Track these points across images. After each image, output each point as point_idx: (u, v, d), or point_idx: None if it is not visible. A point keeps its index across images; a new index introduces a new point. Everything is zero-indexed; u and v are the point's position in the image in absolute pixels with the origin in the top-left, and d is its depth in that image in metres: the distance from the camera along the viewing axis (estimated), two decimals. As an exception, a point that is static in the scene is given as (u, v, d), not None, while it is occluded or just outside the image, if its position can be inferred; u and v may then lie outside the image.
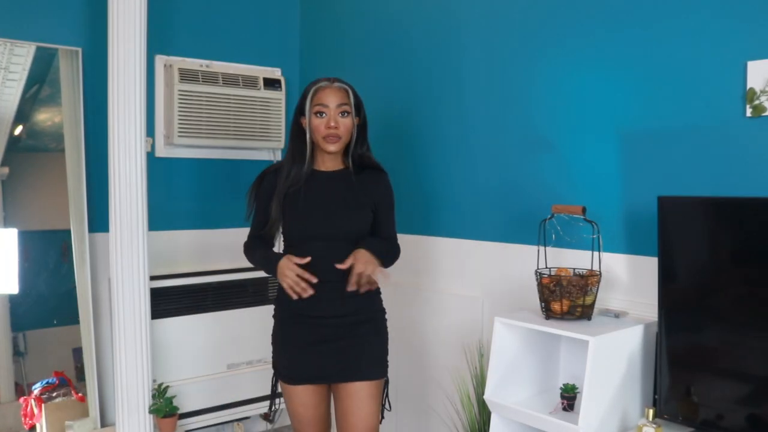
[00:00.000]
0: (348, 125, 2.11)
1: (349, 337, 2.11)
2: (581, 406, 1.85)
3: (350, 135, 2.13)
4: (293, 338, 2.14)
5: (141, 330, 2.70)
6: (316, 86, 2.10)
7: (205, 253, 3.33)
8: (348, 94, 2.11)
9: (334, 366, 2.11)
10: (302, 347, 2.12)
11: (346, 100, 2.09)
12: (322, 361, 2.11)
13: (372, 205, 2.17)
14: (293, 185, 2.12)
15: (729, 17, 1.95)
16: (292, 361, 2.15)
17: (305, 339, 2.12)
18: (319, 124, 2.08)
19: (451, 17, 2.79)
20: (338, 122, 2.08)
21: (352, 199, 2.14)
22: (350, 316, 2.11)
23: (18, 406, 2.93)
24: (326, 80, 2.12)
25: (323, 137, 2.08)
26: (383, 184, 2.21)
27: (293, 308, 2.12)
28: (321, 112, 2.08)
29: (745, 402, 1.79)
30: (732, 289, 1.83)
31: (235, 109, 3.23)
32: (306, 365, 2.12)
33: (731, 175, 1.95)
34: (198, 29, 3.27)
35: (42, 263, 3.02)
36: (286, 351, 2.17)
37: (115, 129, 2.64)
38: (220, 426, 3.30)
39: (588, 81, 2.32)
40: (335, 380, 2.14)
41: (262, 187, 2.19)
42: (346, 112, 2.09)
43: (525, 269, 2.38)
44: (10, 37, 2.79)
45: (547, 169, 2.44)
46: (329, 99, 2.08)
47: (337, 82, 2.12)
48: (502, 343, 2.10)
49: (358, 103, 2.14)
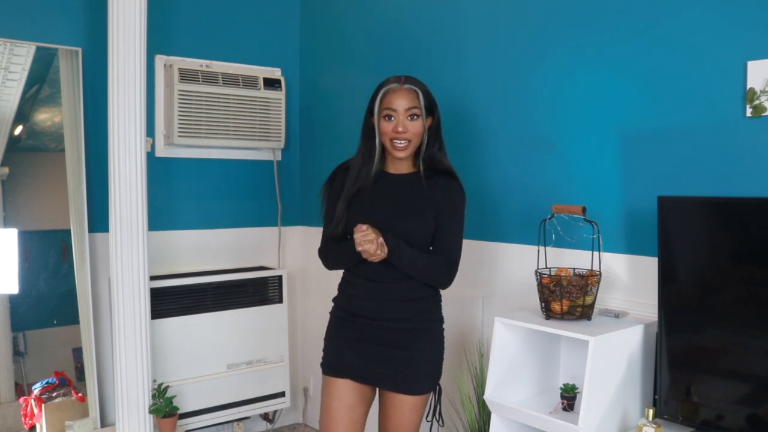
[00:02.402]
0: (417, 129, 2.02)
1: (397, 346, 2.04)
2: (581, 406, 1.85)
3: (420, 139, 2.04)
4: (341, 333, 2.11)
5: (141, 330, 2.70)
6: (385, 88, 2.03)
7: (205, 253, 3.33)
8: (418, 95, 2.01)
9: (383, 371, 2.04)
10: (348, 342, 2.08)
11: (415, 104, 2.00)
12: (367, 360, 2.05)
13: (434, 212, 2.05)
14: (361, 185, 2.07)
15: (729, 17, 1.95)
16: (336, 354, 2.10)
17: (352, 335, 2.08)
18: (387, 128, 2.01)
19: (452, 16, 2.79)
20: (406, 126, 2.00)
21: (415, 203, 2.05)
22: (404, 321, 2.04)
23: (18, 406, 2.93)
24: (396, 81, 2.03)
25: (391, 141, 2.02)
26: (451, 192, 2.08)
27: (344, 305, 2.11)
28: (389, 115, 2.00)
29: (745, 402, 1.79)
30: (732, 289, 1.83)
31: (235, 109, 3.23)
32: (349, 359, 2.07)
33: (731, 175, 1.95)
34: (198, 29, 3.27)
35: (42, 263, 3.02)
36: (333, 344, 2.13)
37: (115, 129, 2.64)
38: (220, 426, 3.31)
39: (588, 81, 2.32)
40: (383, 386, 2.08)
41: (333, 186, 2.14)
42: (416, 115, 2.01)
43: (525, 269, 2.38)
44: (10, 37, 2.79)
45: (548, 169, 2.44)
46: (398, 102, 2.00)
47: (408, 82, 2.02)
48: (502, 343, 2.10)
49: (430, 104, 2.05)
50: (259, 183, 3.50)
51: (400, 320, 2.04)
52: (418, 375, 2.06)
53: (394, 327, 2.04)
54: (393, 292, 2.03)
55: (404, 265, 1.99)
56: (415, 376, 2.05)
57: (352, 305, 2.09)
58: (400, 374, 2.04)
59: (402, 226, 2.01)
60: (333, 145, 3.37)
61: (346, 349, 2.08)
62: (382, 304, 2.04)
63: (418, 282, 2.04)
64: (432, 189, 2.07)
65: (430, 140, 2.07)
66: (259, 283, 3.30)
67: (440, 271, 2.04)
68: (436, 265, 2.04)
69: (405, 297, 2.04)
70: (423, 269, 2.02)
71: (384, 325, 2.04)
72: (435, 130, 2.08)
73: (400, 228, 2.01)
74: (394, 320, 2.04)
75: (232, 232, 3.42)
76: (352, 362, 2.07)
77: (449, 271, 2.06)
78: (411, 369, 2.04)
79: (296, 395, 3.64)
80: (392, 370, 2.04)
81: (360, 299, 2.07)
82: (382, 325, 2.04)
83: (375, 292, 2.04)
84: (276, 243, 3.56)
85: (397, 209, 2.05)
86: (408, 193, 2.07)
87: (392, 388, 2.06)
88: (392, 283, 2.02)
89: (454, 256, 2.07)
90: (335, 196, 2.11)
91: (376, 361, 2.05)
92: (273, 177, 3.52)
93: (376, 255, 1.94)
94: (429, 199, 2.05)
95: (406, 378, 2.04)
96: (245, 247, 3.47)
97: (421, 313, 2.07)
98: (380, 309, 2.04)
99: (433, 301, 2.11)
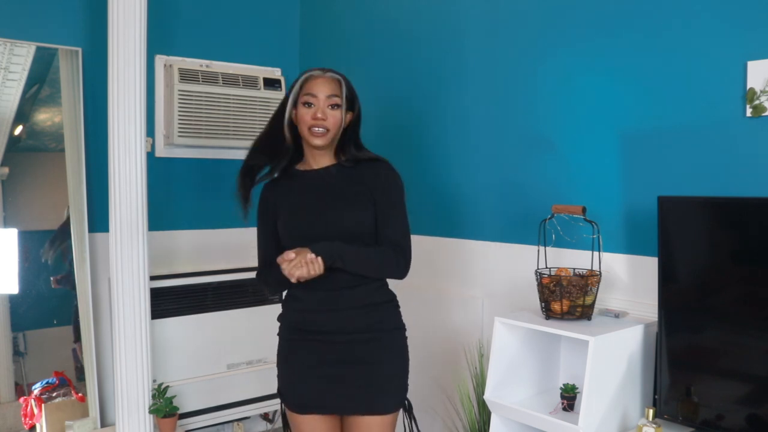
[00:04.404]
0: (337, 118, 1.88)
1: (361, 362, 1.87)
2: (581, 406, 1.85)
3: (338, 129, 1.90)
4: (297, 359, 1.92)
5: (141, 330, 2.70)
6: (307, 74, 1.91)
7: (205, 253, 3.33)
8: (341, 85, 1.90)
9: (344, 395, 1.87)
10: (305, 370, 1.90)
11: (337, 92, 1.88)
12: (329, 387, 1.87)
13: (369, 197, 1.90)
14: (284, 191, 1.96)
15: (729, 17, 1.95)
16: (297, 386, 1.92)
17: (310, 361, 1.89)
18: (305, 114, 1.88)
19: (452, 16, 2.79)
20: (326, 114, 1.87)
21: (347, 192, 1.91)
22: (360, 333, 1.87)
23: (18, 406, 2.93)
24: (319, 70, 1.92)
25: (309, 128, 1.87)
26: (381, 173, 1.93)
27: (295, 323, 1.94)
28: (309, 102, 1.88)
29: (745, 402, 1.79)
30: (732, 289, 1.83)
31: (235, 109, 3.23)
32: (312, 391, 1.89)
33: (731, 175, 1.95)
34: (198, 29, 3.27)
35: (42, 263, 3.02)
36: (289, 374, 1.95)
37: (115, 129, 2.64)
38: (220, 426, 3.30)
39: (588, 81, 2.32)
40: (345, 412, 1.90)
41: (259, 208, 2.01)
42: (337, 105, 1.88)
43: (525, 269, 2.38)
44: (10, 37, 2.79)
45: (548, 169, 2.44)
46: (319, 89, 1.87)
47: (330, 72, 1.92)
48: (502, 343, 2.10)
49: (351, 97, 1.93)
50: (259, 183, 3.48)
51: (359, 331, 1.87)
52: (383, 391, 1.89)
53: (353, 339, 1.87)
54: (347, 299, 1.87)
55: (352, 265, 1.83)
56: (380, 394, 1.88)
57: (303, 321, 1.91)
58: (364, 394, 1.87)
59: (340, 217, 1.88)
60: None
61: (305, 378, 1.90)
62: (336, 314, 1.87)
63: (372, 286, 1.90)
64: (361, 175, 1.93)
65: (348, 138, 1.95)
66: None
67: (390, 259, 1.87)
68: (384, 253, 1.87)
69: (360, 304, 1.88)
70: (372, 263, 1.86)
71: (341, 339, 1.87)
72: (354, 127, 1.96)
73: (338, 220, 1.87)
74: (351, 332, 1.87)
75: (232, 232, 3.42)
76: (315, 396, 1.89)
77: (401, 258, 1.89)
78: (375, 386, 1.88)
79: (296, 395, 3.63)
80: (355, 391, 1.87)
81: (312, 313, 1.89)
82: (339, 339, 1.87)
83: (327, 301, 1.87)
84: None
85: (330, 202, 1.90)
86: (337, 184, 1.92)
87: (358, 411, 1.88)
88: (344, 289, 1.86)
89: (402, 241, 1.89)
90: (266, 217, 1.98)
91: (337, 384, 1.87)
92: (273, 177, 3.52)
93: (311, 275, 1.77)
94: (360, 184, 1.91)
95: (370, 396, 1.87)
96: (245, 247, 3.46)
97: (380, 321, 1.91)
98: (335, 320, 1.87)
99: (392, 307, 1.96)
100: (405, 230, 1.92)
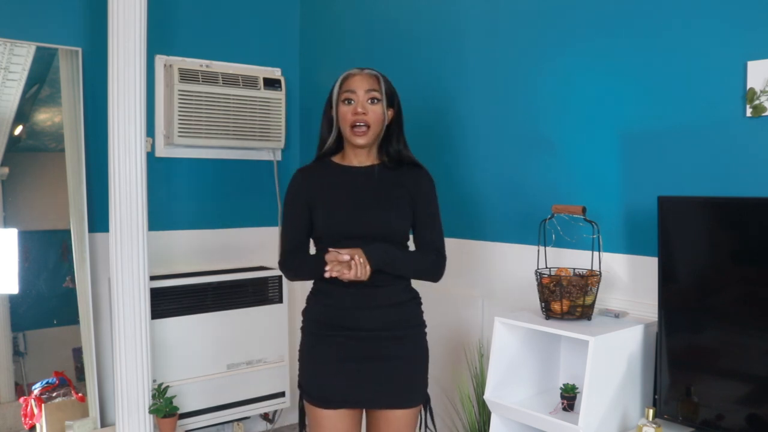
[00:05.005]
0: (378, 113, 1.92)
1: (388, 358, 1.91)
2: (581, 406, 1.85)
3: (381, 125, 1.94)
4: (322, 354, 1.94)
5: (141, 330, 2.70)
6: (345, 74, 1.96)
7: (205, 253, 3.33)
8: (379, 81, 1.93)
9: (370, 389, 1.91)
10: (332, 365, 1.92)
11: (375, 86, 1.92)
12: (356, 382, 1.91)
13: (409, 201, 1.95)
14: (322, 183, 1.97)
15: (729, 17, 1.95)
16: (322, 382, 1.93)
17: (336, 356, 1.92)
18: (346, 112, 1.91)
19: (452, 16, 2.79)
20: (366, 108, 1.90)
21: (389, 193, 1.95)
22: (386, 330, 1.92)
23: (18, 406, 2.93)
24: (357, 69, 1.97)
25: (350, 126, 1.91)
26: (421, 180, 1.99)
27: (321, 318, 1.96)
28: (349, 99, 1.91)
29: (745, 402, 1.79)
30: (732, 289, 1.83)
31: (235, 109, 3.23)
32: (337, 386, 1.91)
33: (731, 175, 1.95)
34: (198, 29, 3.27)
35: (42, 263, 3.02)
36: (314, 369, 1.96)
37: (115, 129, 2.64)
38: (220, 426, 3.30)
39: (588, 81, 2.32)
40: (373, 406, 1.95)
41: (296, 192, 2.00)
42: (376, 99, 1.91)
43: (525, 269, 2.38)
44: (10, 37, 2.79)
45: (548, 169, 2.44)
46: (357, 84, 1.91)
47: (368, 69, 1.96)
48: (502, 343, 2.10)
49: (390, 93, 1.96)
50: (259, 183, 3.50)
51: (386, 328, 1.92)
52: (412, 386, 1.97)
53: (380, 336, 1.91)
54: (377, 297, 1.91)
55: (398, 270, 1.91)
56: (409, 388, 1.96)
57: (332, 317, 1.93)
58: (393, 389, 1.93)
59: (379, 218, 1.91)
60: (333, 145, 3.37)
61: (333, 373, 1.92)
62: (365, 311, 1.91)
63: (400, 285, 1.96)
64: (402, 177, 1.98)
65: (393, 135, 1.99)
66: (258, 283, 3.30)
67: (433, 265, 1.97)
68: (428, 260, 1.97)
69: (389, 302, 1.93)
70: (418, 269, 1.96)
71: (368, 335, 1.91)
72: (397, 125, 1.99)
73: (378, 221, 1.91)
74: (379, 329, 1.91)
75: (232, 232, 3.42)
76: (341, 390, 1.91)
77: (441, 264, 1.99)
78: (404, 381, 1.94)
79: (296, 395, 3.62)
80: (380, 386, 1.91)
81: (341, 309, 1.92)
82: (366, 335, 1.91)
83: (358, 299, 1.90)
84: (276, 243, 3.55)
85: (372, 202, 1.93)
86: (379, 184, 1.96)
87: (383, 405, 1.94)
88: (375, 287, 1.90)
89: (442, 248, 2.00)
90: (300, 202, 1.98)
91: (363, 379, 1.91)
92: (273, 177, 3.52)
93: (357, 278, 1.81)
94: (401, 186, 1.96)
95: (396, 391, 1.93)
96: (245, 247, 3.47)
97: (408, 318, 1.98)
98: (364, 317, 1.91)
99: (416, 304, 2.03)
100: (442, 236, 2.01)
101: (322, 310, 1.97)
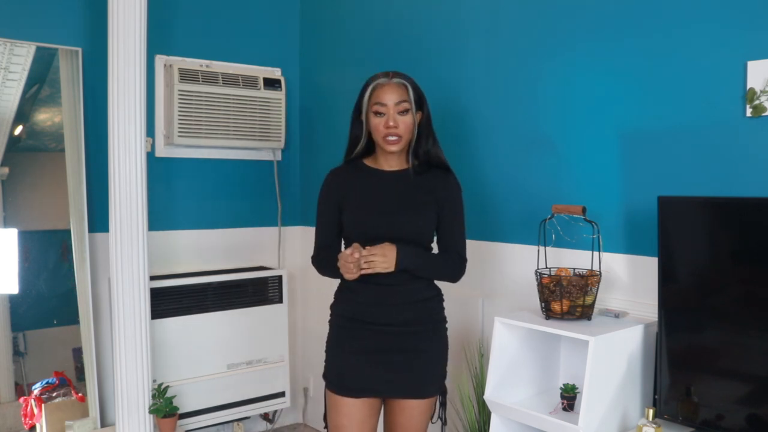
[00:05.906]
0: (408, 123, 1.99)
1: (408, 350, 2.01)
2: (581, 406, 1.85)
3: (411, 133, 2.02)
4: (348, 345, 2.04)
5: (141, 330, 2.70)
6: (374, 83, 1.99)
7: (205, 253, 3.33)
8: (407, 89, 1.99)
9: (391, 380, 2.01)
10: (355, 356, 2.02)
11: (405, 97, 1.98)
12: (376, 372, 2.00)
13: (436, 206, 2.03)
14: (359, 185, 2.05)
15: (729, 17, 1.95)
16: (344, 370, 2.03)
17: (359, 347, 2.01)
18: (378, 124, 1.98)
19: (452, 16, 2.79)
20: (397, 121, 1.97)
21: (416, 198, 2.02)
22: (410, 325, 2.01)
23: (18, 406, 2.93)
24: (384, 76, 2.00)
25: (383, 137, 1.99)
26: (449, 185, 2.07)
27: (348, 313, 2.05)
28: (379, 111, 1.97)
29: (745, 402, 1.79)
30: (732, 289, 1.83)
31: (235, 109, 3.24)
32: (359, 376, 2.01)
33: (731, 175, 1.95)
34: (198, 29, 3.27)
35: (42, 263, 3.02)
36: (338, 358, 2.06)
37: (115, 129, 2.64)
38: (220, 426, 3.31)
39: (588, 81, 2.31)
40: (391, 395, 2.04)
41: (328, 192, 2.09)
42: (406, 110, 1.98)
43: (525, 269, 2.38)
44: (10, 37, 2.79)
45: (548, 169, 2.44)
46: (387, 97, 1.97)
47: (396, 77, 2.00)
48: (502, 343, 2.10)
49: (419, 98, 2.02)
50: (259, 183, 3.50)
51: (410, 323, 2.01)
52: (429, 377, 2.05)
53: (404, 331, 2.00)
54: (401, 294, 2.00)
55: (423, 272, 2.01)
56: (426, 379, 2.04)
57: (358, 312, 2.03)
58: (412, 379, 2.01)
59: (406, 222, 2.00)
60: (333, 146, 3.36)
61: (356, 363, 2.02)
62: (391, 308, 2.00)
63: (423, 283, 2.04)
64: (430, 182, 2.06)
65: (422, 135, 2.05)
66: (259, 283, 3.30)
67: (454, 269, 2.06)
68: (450, 263, 2.05)
69: (413, 299, 2.01)
70: (441, 272, 2.05)
71: (392, 330, 2.00)
72: (426, 125, 2.06)
73: (404, 224, 1.99)
74: (403, 324, 2.00)
75: (232, 232, 3.42)
76: (363, 379, 2.01)
77: (462, 267, 2.08)
78: (422, 372, 2.02)
79: (296, 395, 3.64)
80: (404, 377, 2.01)
81: (368, 305, 2.01)
82: (391, 330, 2.00)
83: (383, 296, 2.00)
84: (276, 243, 3.56)
85: (399, 206, 2.02)
86: (404, 189, 2.04)
87: (403, 394, 2.02)
88: (400, 285, 1.99)
89: (463, 252, 2.08)
90: (331, 203, 2.08)
91: (387, 370, 2.00)
92: (273, 177, 3.52)
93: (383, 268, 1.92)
94: (429, 192, 2.04)
95: (417, 382, 2.02)
96: (245, 247, 3.47)
97: (430, 314, 2.06)
98: (389, 313, 2.00)
99: (438, 301, 2.10)
100: (465, 241, 2.10)
101: (348, 305, 2.06)
